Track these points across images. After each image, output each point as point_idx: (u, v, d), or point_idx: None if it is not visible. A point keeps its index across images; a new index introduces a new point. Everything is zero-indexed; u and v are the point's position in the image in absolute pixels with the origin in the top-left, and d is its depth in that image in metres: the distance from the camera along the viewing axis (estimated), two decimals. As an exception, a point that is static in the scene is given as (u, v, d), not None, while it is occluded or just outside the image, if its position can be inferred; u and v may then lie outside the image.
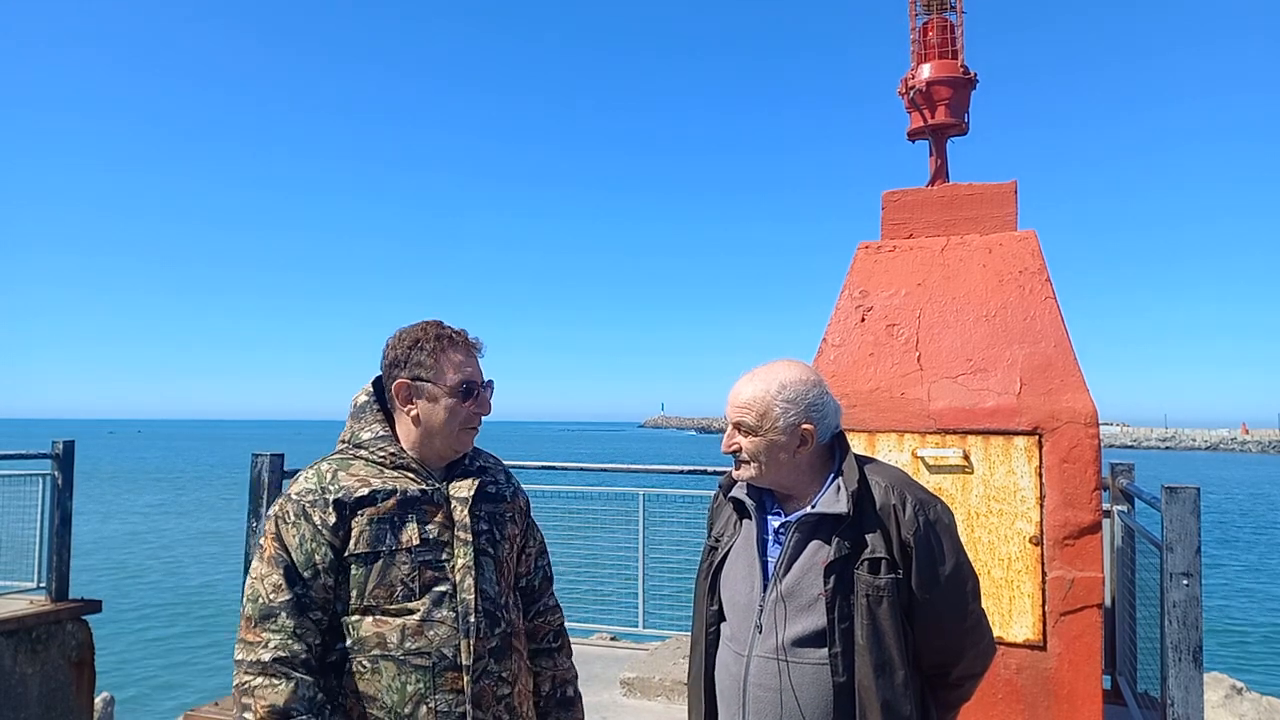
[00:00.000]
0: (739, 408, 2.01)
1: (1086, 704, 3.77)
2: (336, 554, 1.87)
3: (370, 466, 1.95)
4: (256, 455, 5.17)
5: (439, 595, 1.88)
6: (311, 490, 1.90)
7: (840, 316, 4.59)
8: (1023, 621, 3.87)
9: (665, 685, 5.04)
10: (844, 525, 1.93)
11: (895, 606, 1.89)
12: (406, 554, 1.88)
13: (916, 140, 5.12)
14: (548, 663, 2.19)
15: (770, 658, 1.92)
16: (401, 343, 2.00)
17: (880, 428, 4.20)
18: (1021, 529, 3.90)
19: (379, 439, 1.98)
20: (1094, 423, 3.88)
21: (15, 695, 6.48)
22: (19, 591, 7.06)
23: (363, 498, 1.88)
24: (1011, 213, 4.57)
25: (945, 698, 2.04)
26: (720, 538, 2.13)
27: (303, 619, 1.83)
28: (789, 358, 2.11)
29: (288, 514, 1.89)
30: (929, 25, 5.02)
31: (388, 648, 1.85)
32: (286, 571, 1.85)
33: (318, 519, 1.86)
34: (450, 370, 1.97)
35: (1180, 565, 3.51)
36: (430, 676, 1.85)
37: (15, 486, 7.23)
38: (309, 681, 1.81)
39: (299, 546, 1.86)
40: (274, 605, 1.82)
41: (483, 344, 2.06)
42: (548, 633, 2.21)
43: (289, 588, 1.84)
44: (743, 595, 2.01)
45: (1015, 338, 4.20)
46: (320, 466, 1.96)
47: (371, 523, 1.88)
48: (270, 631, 1.81)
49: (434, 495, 1.96)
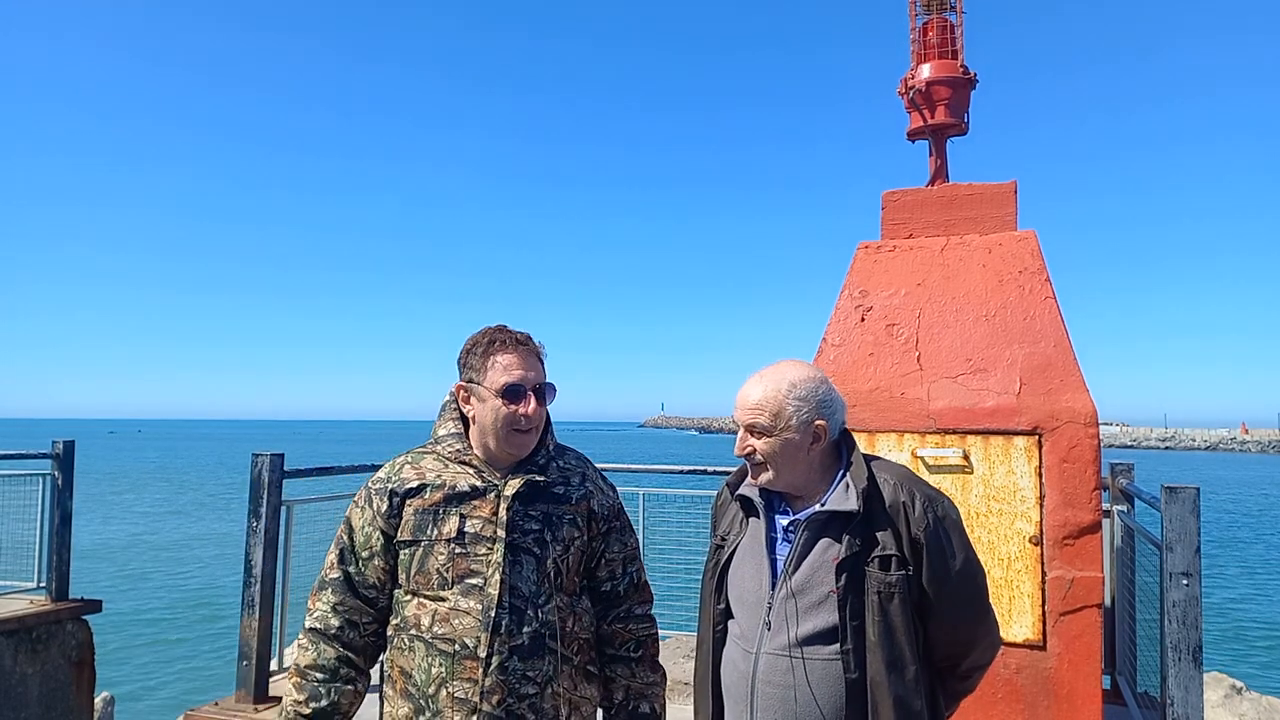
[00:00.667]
0: (751, 409, 2.01)
1: (1086, 704, 3.77)
2: (388, 539, 2.04)
3: (438, 461, 2.09)
4: (256, 455, 5.17)
5: (469, 586, 1.97)
6: (381, 479, 2.08)
7: (840, 316, 4.59)
8: (1022, 621, 3.87)
9: (665, 685, 5.04)
10: (854, 523, 1.94)
11: (906, 603, 1.91)
12: (444, 545, 1.99)
13: (916, 140, 5.12)
14: (624, 671, 2.18)
15: (780, 654, 1.93)
16: (464, 348, 2.11)
17: (880, 428, 4.21)
18: (1021, 529, 3.90)
19: (450, 435, 2.11)
20: (1094, 423, 3.88)
21: (15, 695, 6.48)
22: (19, 591, 7.05)
23: (412, 489, 2.04)
24: (1011, 213, 4.57)
25: (954, 688, 2.07)
26: (726, 536, 2.13)
27: (347, 595, 2.05)
28: (791, 358, 2.11)
29: (360, 498, 2.10)
30: (929, 25, 5.02)
31: (421, 629, 1.98)
32: (342, 551, 2.07)
33: (376, 505, 2.05)
34: (497, 373, 2.04)
35: (1180, 565, 3.51)
36: (451, 662, 1.94)
37: (15, 486, 7.23)
38: (332, 654, 2.02)
39: (361, 529, 2.06)
40: (327, 580, 2.07)
41: (544, 348, 2.13)
42: (628, 641, 2.19)
43: (339, 565, 2.07)
44: (751, 593, 2.01)
45: (1015, 338, 4.20)
46: (397, 459, 2.14)
47: (417, 513, 2.02)
48: (319, 601, 2.06)
49: (486, 490, 2.03)
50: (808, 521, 1.98)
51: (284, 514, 5.16)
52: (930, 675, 1.98)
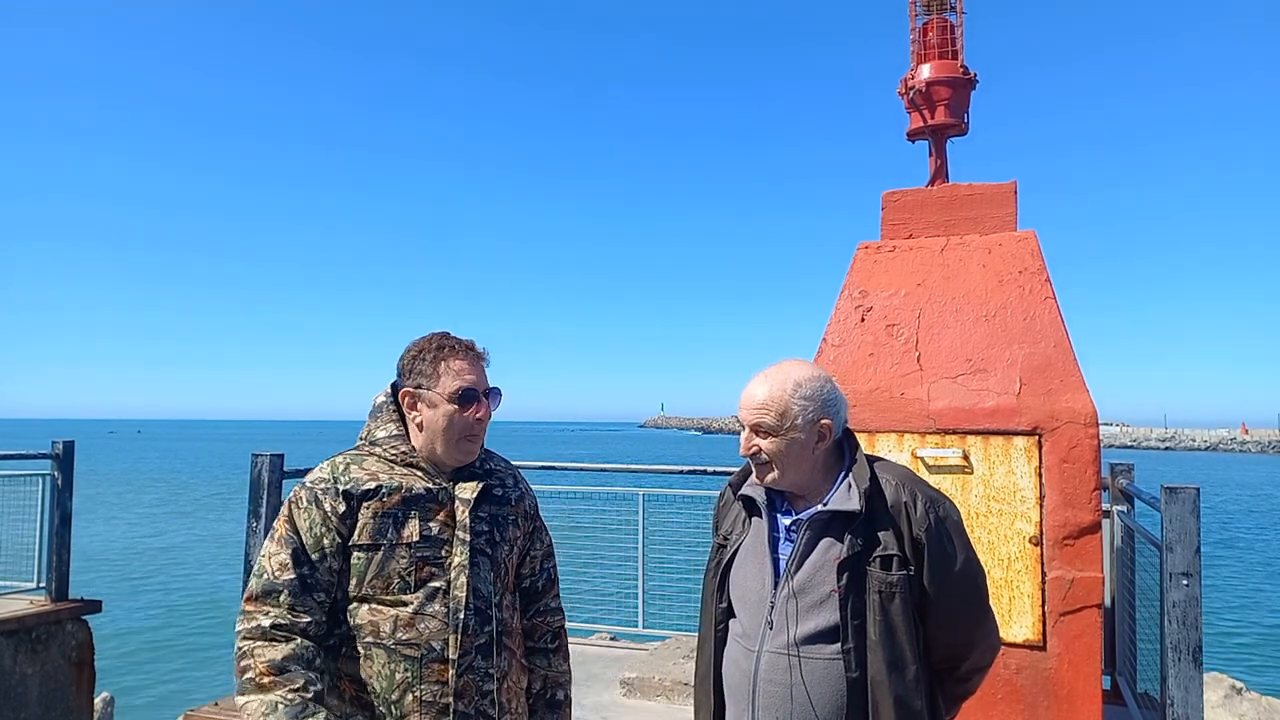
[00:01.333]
0: (756, 409, 2.01)
1: (1086, 704, 3.77)
2: (343, 541, 1.96)
3: (382, 463, 2.04)
4: (256, 455, 5.17)
5: (433, 590, 1.96)
6: (325, 479, 2.00)
7: (840, 316, 4.60)
8: (1022, 621, 3.87)
9: (665, 685, 5.04)
10: (856, 522, 1.95)
11: (907, 603, 1.92)
12: (406, 548, 1.96)
13: (916, 140, 5.12)
14: (541, 662, 2.24)
15: (781, 653, 1.94)
16: (408, 353, 2.09)
17: (880, 428, 4.21)
18: (1021, 529, 3.90)
19: (392, 437, 2.07)
20: (1094, 423, 3.88)
21: (15, 695, 6.48)
22: (19, 591, 7.06)
23: (369, 491, 1.98)
24: (1011, 213, 4.58)
25: (953, 691, 2.07)
26: (729, 536, 2.14)
27: (305, 598, 1.93)
28: (794, 357, 2.12)
29: (301, 499, 2.00)
30: (929, 25, 5.02)
31: (380, 636, 1.93)
32: (294, 552, 1.95)
33: (328, 506, 1.96)
34: (449, 378, 2.04)
35: (1180, 565, 3.52)
36: (418, 667, 1.92)
37: (15, 486, 7.23)
38: (308, 645, 1.89)
39: (309, 530, 1.96)
40: (278, 583, 1.92)
41: (488, 353, 2.13)
42: (545, 633, 2.25)
43: (294, 567, 1.93)
44: (754, 592, 2.02)
45: (1015, 338, 4.20)
46: (335, 459, 2.07)
47: (375, 516, 1.96)
48: (269, 604, 1.91)
49: (439, 494, 2.03)
50: (810, 521, 1.99)
51: (283, 514, 5.16)
52: (930, 675, 1.99)
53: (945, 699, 2.05)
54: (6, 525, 7.12)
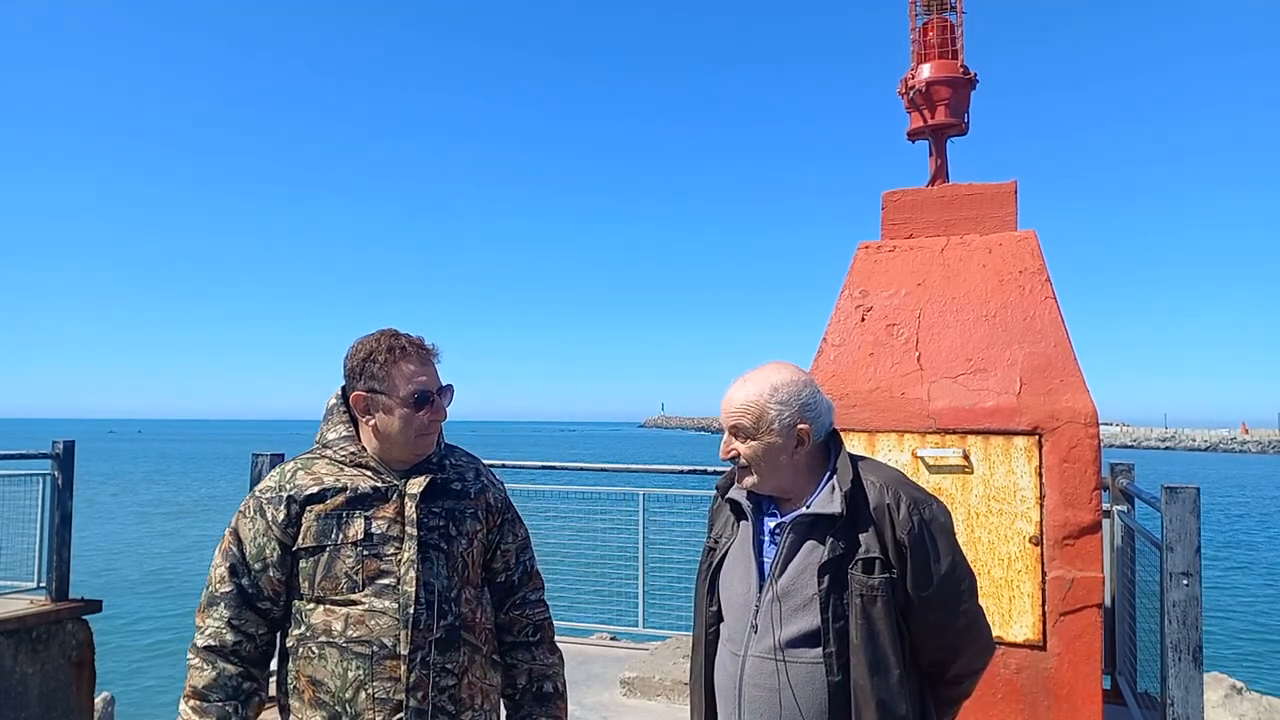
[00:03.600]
0: (734, 413, 2.01)
1: (1086, 704, 3.77)
2: (284, 549, 1.99)
3: (332, 465, 2.05)
4: (256, 455, 5.17)
5: (382, 587, 1.96)
6: (271, 488, 2.03)
7: (840, 316, 4.60)
8: (1023, 621, 3.87)
9: (665, 685, 5.04)
10: (838, 525, 1.93)
11: (890, 606, 1.90)
12: (351, 548, 1.97)
13: (916, 140, 5.12)
14: (524, 656, 2.21)
15: (766, 657, 1.94)
16: (356, 355, 2.07)
17: (880, 428, 4.21)
18: (1021, 529, 3.90)
19: (342, 439, 2.08)
20: (1094, 422, 3.88)
21: (15, 695, 6.48)
22: (19, 591, 7.05)
23: (312, 495, 1.99)
24: (1011, 213, 4.57)
25: (945, 695, 2.05)
26: (719, 539, 2.14)
27: (242, 609, 1.98)
28: (777, 360, 2.11)
29: (248, 509, 2.04)
30: (929, 25, 5.02)
31: (332, 635, 1.95)
32: (233, 564, 2.00)
33: (270, 515, 1.99)
34: (402, 381, 2.03)
35: (1180, 565, 3.52)
36: (370, 664, 1.92)
37: (15, 486, 7.23)
38: (232, 671, 1.97)
39: (252, 540, 2.00)
40: (217, 594, 1.99)
41: (439, 350, 2.12)
42: (525, 626, 2.23)
43: (231, 579, 1.99)
44: (740, 595, 2.02)
45: (1015, 338, 4.20)
46: (285, 466, 2.08)
47: (319, 518, 1.98)
48: (210, 618, 1.98)
49: (388, 491, 2.02)
50: (792, 524, 1.98)
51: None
52: (918, 678, 1.98)
53: (938, 703, 2.04)
54: (7, 525, 7.12)
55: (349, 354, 2.09)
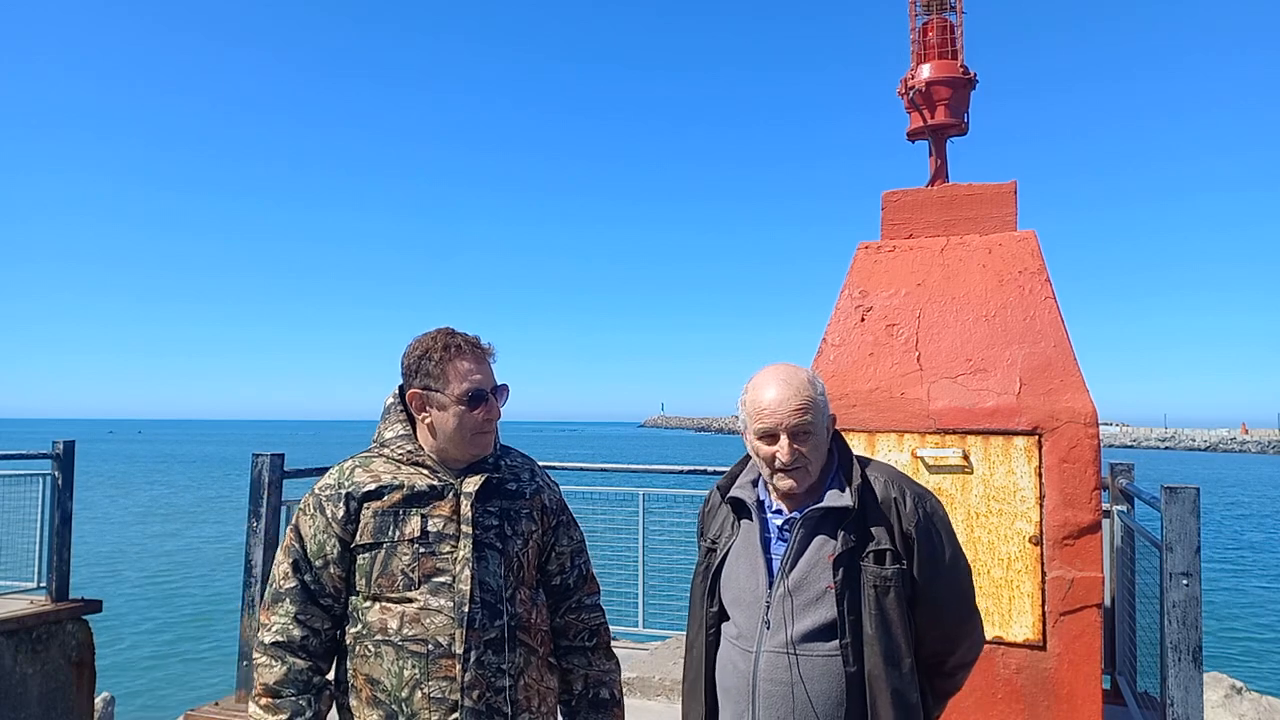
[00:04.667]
0: (798, 411, 1.98)
1: (1086, 704, 3.77)
2: (344, 545, 2.00)
3: (389, 463, 2.06)
4: (256, 455, 5.17)
5: (437, 585, 1.96)
6: (330, 485, 2.05)
7: (840, 316, 4.60)
8: (1023, 621, 3.87)
9: (665, 685, 5.04)
10: (849, 519, 1.98)
11: (901, 597, 1.95)
12: (408, 545, 1.97)
13: (916, 140, 5.12)
14: (580, 661, 2.21)
15: (780, 652, 1.95)
16: (413, 353, 2.08)
17: (880, 428, 4.21)
18: (1021, 529, 3.90)
19: (399, 438, 2.08)
20: (1094, 423, 3.88)
21: (15, 695, 6.48)
22: (19, 591, 7.05)
23: (369, 492, 2.00)
24: (1011, 213, 4.58)
25: (940, 687, 2.09)
26: (717, 540, 2.14)
27: (308, 605, 2.00)
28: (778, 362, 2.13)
29: (308, 506, 2.06)
30: (929, 25, 5.02)
31: (388, 633, 1.95)
32: (295, 560, 2.01)
33: (329, 512, 2.01)
34: (456, 379, 2.03)
35: (1180, 565, 3.52)
36: (425, 663, 1.93)
37: (15, 486, 7.23)
38: (302, 665, 1.97)
39: (313, 537, 2.02)
40: (282, 591, 2.01)
41: (494, 350, 2.12)
42: (581, 631, 2.22)
43: (294, 575, 2.01)
44: (748, 593, 2.03)
45: (1015, 338, 4.20)
46: (344, 464, 2.11)
47: (376, 515, 1.99)
48: (276, 615, 2.00)
49: (444, 490, 2.03)
50: (803, 519, 2.01)
51: (284, 514, 5.16)
52: (919, 671, 2.02)
53: (933, 695, 2.08)
54: (6, 525, 7.12)
55: (406, 352, 2.10)
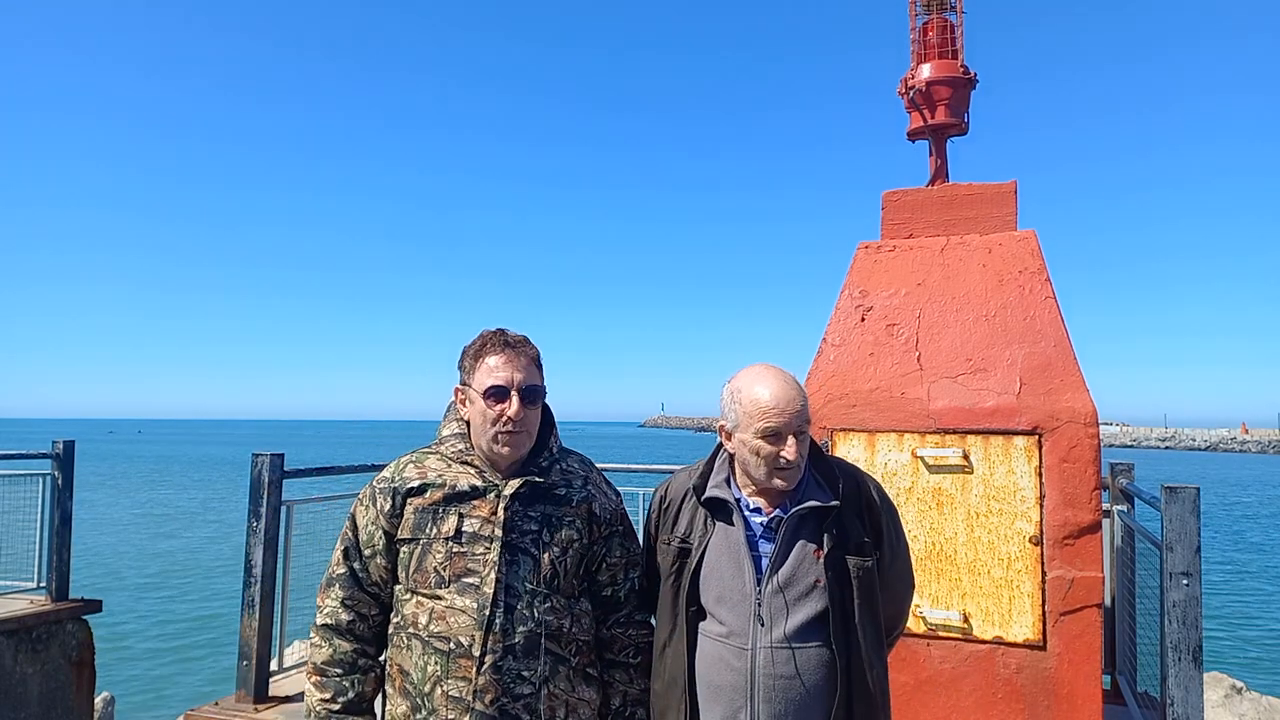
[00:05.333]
0: (799, 413, 2.06)
1: (1086, 704, 3.77)
2: (389, 538, 2.07)
3: (441, 460, 2.12)
4: (256, 455, 5.16)
5: (465, 585, 1.98)
6: (385, 479, 2.12)
7: (840, 316, 4.59)
8: (1023, 621, 3.87)
9: (665, 685, 5.04)
10: (832, 515, 2.06)
11: (875, 584, 2.08)
12: (442, 543, 2.01)
13: (916, 140, 5.12)
14: (621, 676, 2.18)
15: (779, 647, 2.00)
16: (464, 350, 2.15)
17: (880, 427, 4.20)
18: (1021, 529, 3.90)
19: (453, 435, 2.14)
20: (1094, 422, 3.88)
21: (15, 695, 6.48)
22: (19, 591, 7.05)
23: (414, 488, 2.06)
24: (1011, 212, 4.57)
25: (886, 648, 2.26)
26: (688, 538, 2.15)
27: (355, 591, 2.08)
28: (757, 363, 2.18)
29: (364, 497, 2.13)
30: (929, 25, 5.02)
31: (418, 628, 1.99)
32: (346, 549, 2.11)
33: (379, 504, 2.08)
34: (483, 375, 2.07)
35: (1180, 565, 3.51)
36: (446, 661, 1.95)
37: (15, 486, 7.23)
38: (348, 648, 2.06)
39: (365, 527, 2.10)
40: (334, 576, 2.11)
41: (537, 351, 2.15)
42: (627, 646, 2.19)
43: (344, 562, 2.10)
44: (734, 591, 2.05)
45: (1015, 338, 4.20)
46: (401, 458, 2.17)
47: (417, 511, 2.04)
48: (328, 598, 2.10)
49: (486, 491, 2.05)
50: (788, 518, 2.06)
51: (284, 514, 5.15)
52: None
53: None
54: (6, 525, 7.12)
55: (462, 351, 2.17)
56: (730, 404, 2.12)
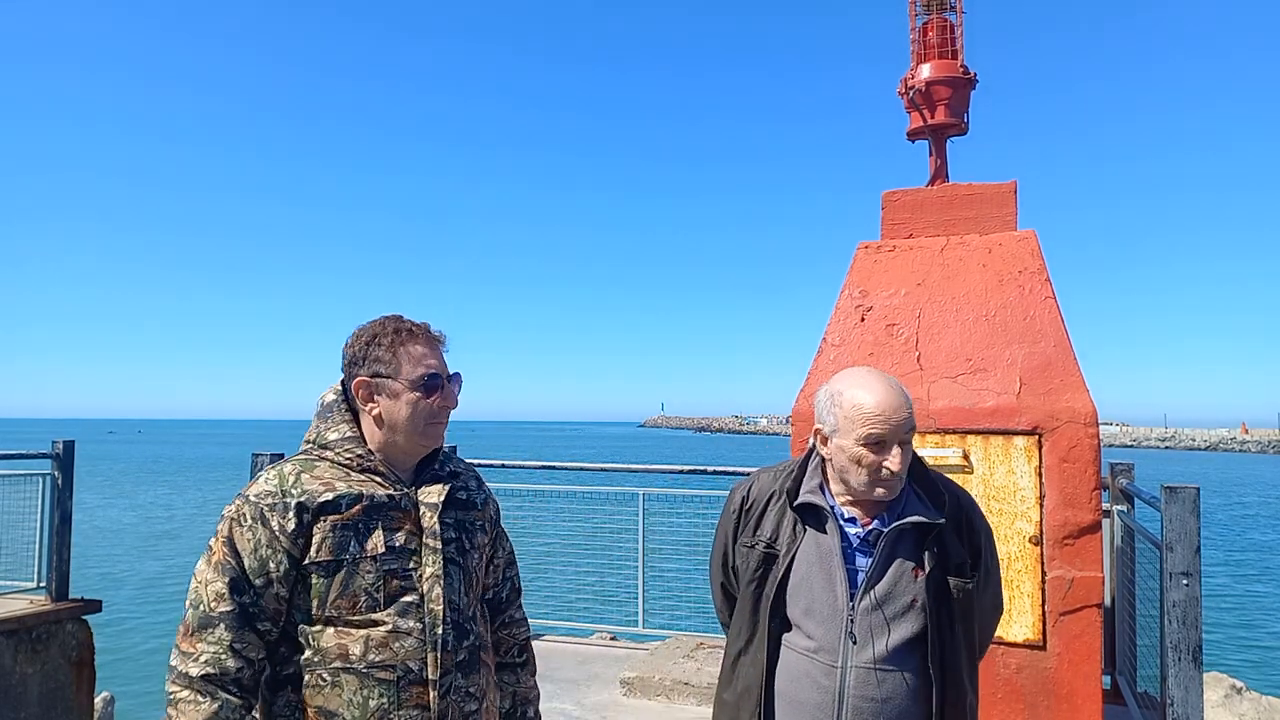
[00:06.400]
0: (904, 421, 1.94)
1: (1086, 704, 3.77)
2: (294, 562, 1.77)
3: (336, 469, 1.85)
4: (256, 455, 5.17)
5: (405, 605, 1.79)
6: (271, 493, 1.79)
7: (840, 316, 4.59)
8: (1023, 621, 3.87)
9: (665, 685, 5.04)
10: (934, 533, 1.96)
11: (973, 606, 2.00)
12: (371, 562, 1.78)
13: (916, 140, 5.12)
14: (510, 678, 2.10)
15: (869, 668, 1.91)
16: (359, 340, 1.90)
17: (880, 428, 4.21)
18: (1021, 529, 3.90)
19: (346, 440, 1.88)
20: (1094, 422, 3.88)
21: (15, 695, 6.48)
22: (19, 591, 7.06)
23: (326, 503, 1.78)
24: (1011, 213, 4.57)
25: None
26: (774, 543, 2.04)
27: (244, 631, 1.74)
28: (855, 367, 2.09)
29: (244, 516, 1.79)
30: (929, 25, 5.02)
31: (350, 660, 1.75)
32: (233, 580, 1.75)
33: (275, 524, 1.76)
34: (409, 364, 1.86)
35: (1180, 565, 3.52)
36: (395, 691, 1.75)
37: (15, 486, 7.23)
38: (235, 703, 1.72)
39: (253, 552, 1.76)
40: (214, 615, 1.73)
41: (446, 337, 1.96)
42: (513, 647, 2.12)
43: (232, 597, 1.74)
44: (825, 605, 1.96)
45: (1015, 338, 4.20)
46: (282, 468, 1.85)
47: (335, 529, 1.77)
48: (205, 643, 1.72)
49: (402, 501, 1.85)
50: (888, 532, 1.96)
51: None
52: None
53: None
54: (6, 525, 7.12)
55: (350, 341, 1.92)
56: (830, 407, 2.00)
